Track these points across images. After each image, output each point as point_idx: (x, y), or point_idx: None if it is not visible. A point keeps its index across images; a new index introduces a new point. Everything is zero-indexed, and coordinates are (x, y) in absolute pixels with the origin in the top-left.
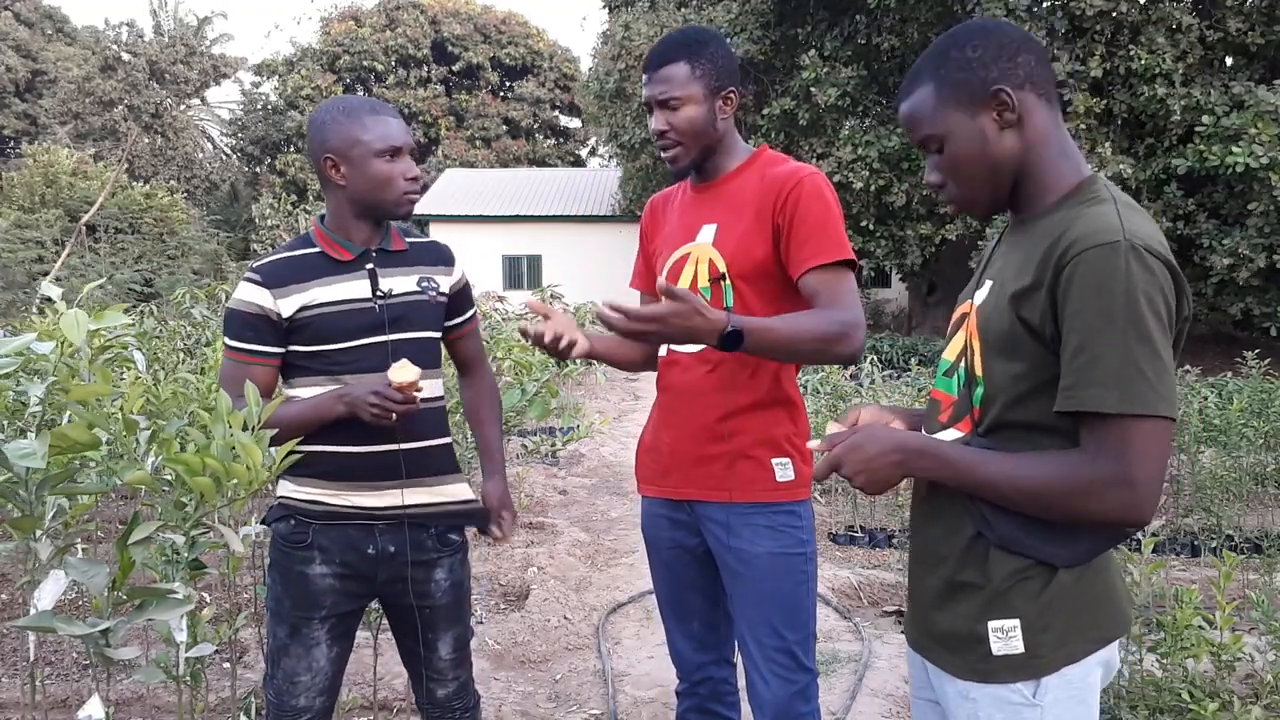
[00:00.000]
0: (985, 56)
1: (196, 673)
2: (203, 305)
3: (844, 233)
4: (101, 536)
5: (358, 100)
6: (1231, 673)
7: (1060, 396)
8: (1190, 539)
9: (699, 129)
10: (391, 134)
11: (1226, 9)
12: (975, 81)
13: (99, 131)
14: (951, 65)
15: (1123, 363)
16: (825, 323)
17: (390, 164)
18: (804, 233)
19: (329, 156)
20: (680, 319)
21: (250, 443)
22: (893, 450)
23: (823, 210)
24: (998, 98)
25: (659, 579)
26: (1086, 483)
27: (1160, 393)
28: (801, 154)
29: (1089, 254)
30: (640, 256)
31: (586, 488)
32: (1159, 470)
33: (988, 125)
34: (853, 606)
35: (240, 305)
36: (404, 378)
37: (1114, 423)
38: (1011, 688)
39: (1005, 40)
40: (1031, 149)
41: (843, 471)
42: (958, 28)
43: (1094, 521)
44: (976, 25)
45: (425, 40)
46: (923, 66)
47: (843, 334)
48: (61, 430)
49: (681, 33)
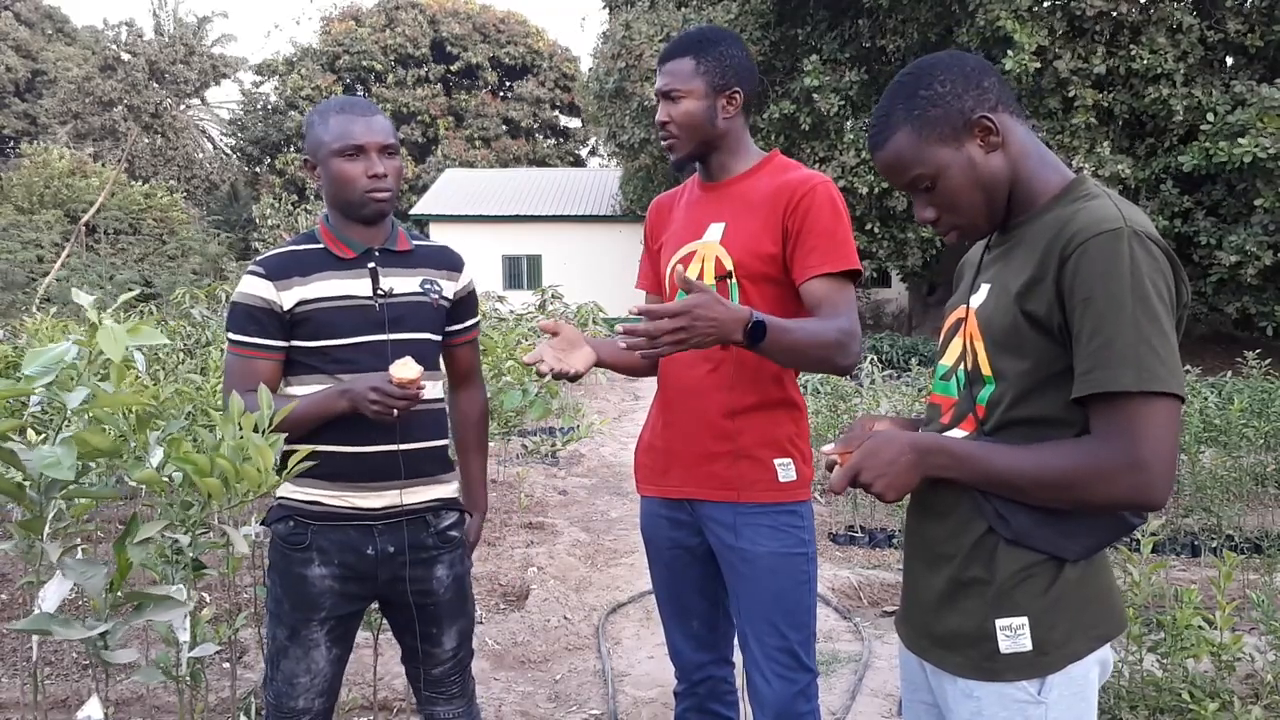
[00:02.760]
0: (955, 88)
1: (196, 673)
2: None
3: (852, 243)
4: (101, 537)
5: (336, 101)
6: (1231, 673)
7: (1077, 382)
8: (1190, 539)
9: (696, 123)
10: (351, 132)
11: (1226, 10)
12: (954, 114)
13: (99, 131)
14: (924, 103)
15: (1135, 342)
16: (832, 331)
17: (350, 163)
18: (813, 239)
19: (307, 159)
20: (705, 309)
21: (263, 444)
22: (908, 450)
23: (833, 218)
24: (980, 124)
25: (658, 579)
26: (1098, 467)
27: (1170, 370)
28: (803, 158)
29: (1093, 241)
30: (645, 257)
31: (586, 488)
32: (1170, 452)
33: (974, 152)
34: (853, 606)
35: (243, 298)
36: (406, 374)
37: (1126, 403)
38: (1017, 685)
39: (967, 69)
40: (1017, 163)
41: (862, 479)
42: (911, 68)
43: (1107, 507)
44: (930, 62)
45: (424, 40)
46: (890, 112)
47: (844, 344)
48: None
49: (697, 29)
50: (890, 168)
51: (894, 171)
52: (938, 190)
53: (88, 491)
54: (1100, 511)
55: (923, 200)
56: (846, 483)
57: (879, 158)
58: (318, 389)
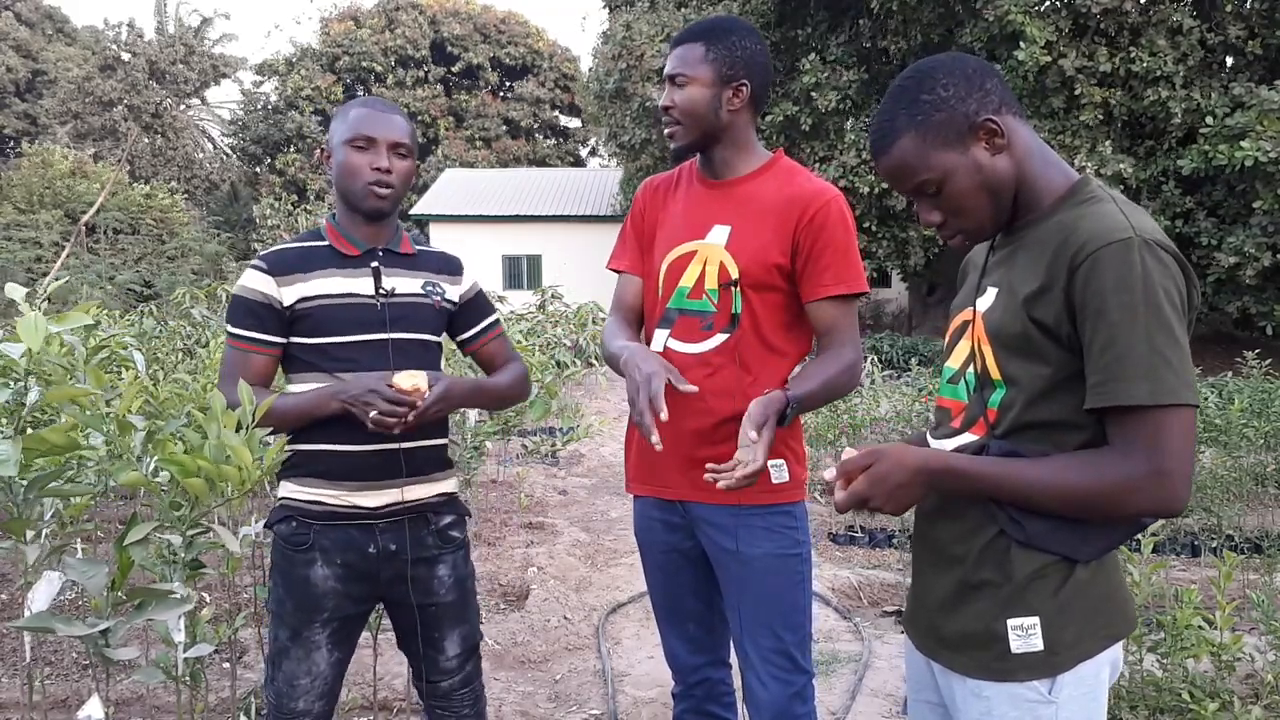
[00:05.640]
0: (959, 91)
1: (196, 673)
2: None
3: (860, 261)
4: (101, 536)
5: (363, 99)
6: (1231, 673)
7: (1090, 394)
8: (1190, 539)
9: (699, 112)
10: (367, 124)
11: (1227, 14)
12: (958, 117)
13: (99, 131)
14: (927, 108)
15: (1149, 354)
16: (844, 373)
17: (359, 154)
18: (827, 258)
19: (323, 147)
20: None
21: (239, 444)
22: (918, 473)
23: (846, 237)
24: (985, 127)
25: (653, 582)
26: (1124, 481)
27: (1185, 381)
28: (803, 158)
29: (1103, 252)
30: (630, 234)
31: (586, 488)
32: (1189, 459)
33: (980, 155)
34: (853, 606)
35: (244, 292)
36: (409, 383)
37: (1144, 415)
38: (1028, 685)
39: (969, 70)
40: (1021, 164)
41: (871, 505)
42: (911, 72)
43: (1133, 517)
44: (930, 65)
45: (424, 40)
46: (892, 117)
47: (854, 376)
48: (38, 434)
49: (715, 17)
50: (895, 174)
51: (899, 178)
52: (944, 195)
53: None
54: (1123, 521)
55: (927, 205)
56: (850, 506)
57: (883, 164)
58: (317, 386)
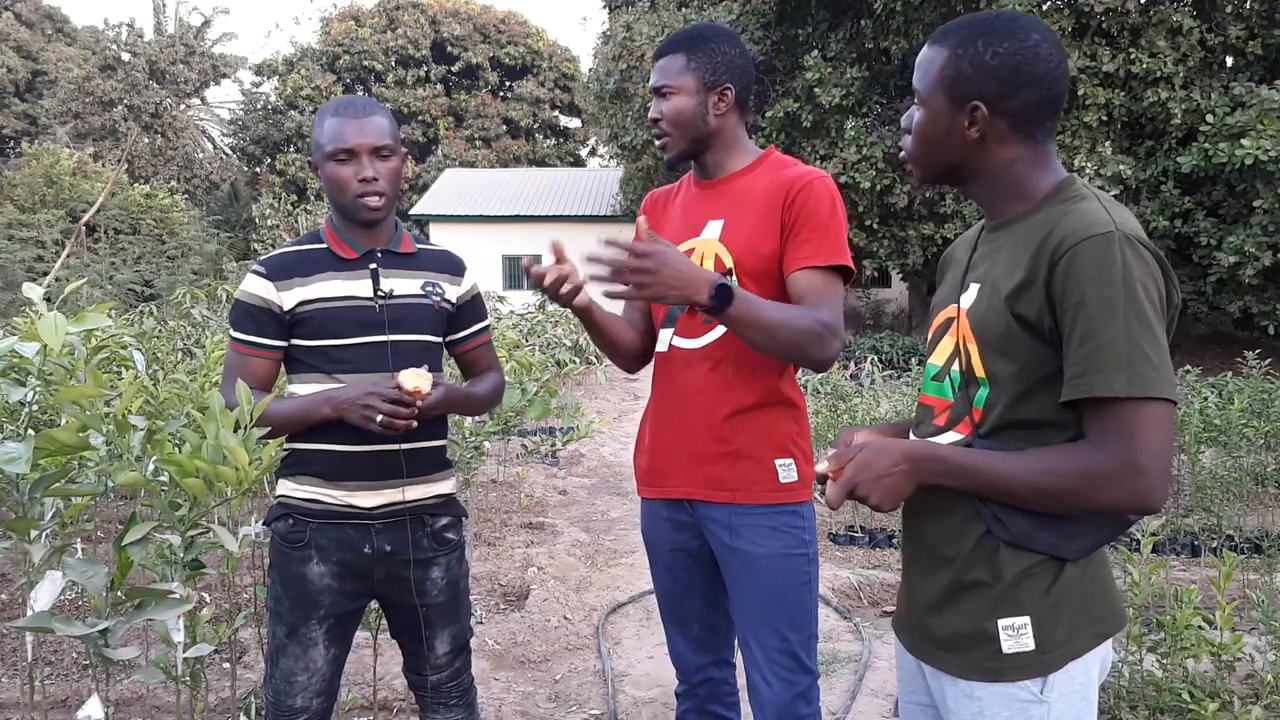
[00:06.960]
0: (1002, 69)
1: (196, 673)
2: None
3: (845, 240)
4: (101, 536)
5: (335, 103)
6: (1231, 673)
7: (1067, 386)
8: (1190, 539)
9: (686, 120)
10: (343, 135)
11: (1226, 14)
12: (974, 84)
13: (99, 131)
14: (969, 54)
15: (1127, 347)
16: (809, 319)
17: (342, 167)
18: (806, 232)
19: (310, 161)
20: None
21: (236, 445)
22: (901, 460)
23: (828, 213)
24: (974, 112)
25: (659, 582)
26: (1097, 473)
27: (1163, 375)
28: (804, 156)
29: (1084, 245)
30: None
31: (586, 488)
32: (1166, 454)
33: (959, 124)
34: (853, 606)
35: (244, 297)
36: (411, 383)
37: (1120, 408)
38: (1020, 685)
39: (1020, 65)
40: (994, 163)
41: (858, 493)
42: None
43: (1106, 511)
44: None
45: (425, 40)
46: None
47: (821, 336)
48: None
49: (693, 27)
50: (917, 62)
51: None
52: (918, 120)
53: (72, 489)
54: (1100, 514)
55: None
56: (843, 498)
57: (924, 49)
58: (318, 389)
